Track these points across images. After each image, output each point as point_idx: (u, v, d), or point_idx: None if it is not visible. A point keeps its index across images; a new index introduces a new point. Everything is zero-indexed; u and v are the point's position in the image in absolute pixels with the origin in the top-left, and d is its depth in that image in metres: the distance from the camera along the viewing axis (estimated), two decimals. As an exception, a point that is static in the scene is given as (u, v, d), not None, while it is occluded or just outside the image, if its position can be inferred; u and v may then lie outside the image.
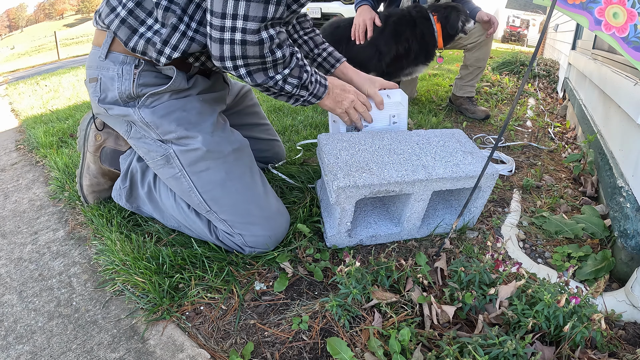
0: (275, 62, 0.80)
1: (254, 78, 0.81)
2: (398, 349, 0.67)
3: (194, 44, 0.81)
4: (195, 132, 0.87)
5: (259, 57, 0.76)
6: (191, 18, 0.79)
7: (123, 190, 1.09)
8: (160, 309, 0.82)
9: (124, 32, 0.80)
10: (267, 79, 0.82)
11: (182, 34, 0.79)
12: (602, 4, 0.70)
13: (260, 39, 0.74)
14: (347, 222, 0.94)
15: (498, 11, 10.95)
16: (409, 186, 0.89)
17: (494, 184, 0.97)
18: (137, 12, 0.79)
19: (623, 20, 0.68)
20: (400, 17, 1.80)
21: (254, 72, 0.80)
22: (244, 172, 0.93)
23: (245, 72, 0.79)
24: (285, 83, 0.86)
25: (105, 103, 0.88)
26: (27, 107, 2.92)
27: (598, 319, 0.66)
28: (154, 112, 0.85)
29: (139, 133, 0.90)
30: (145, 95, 0.85)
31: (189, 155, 0.87)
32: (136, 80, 0.83)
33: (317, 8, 5.51)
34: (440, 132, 1.14)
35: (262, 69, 0.80)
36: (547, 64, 3.83)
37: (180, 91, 0.89)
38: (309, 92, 0.94)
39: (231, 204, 0.90)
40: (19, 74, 7.55)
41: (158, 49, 0.79)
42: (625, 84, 1.15)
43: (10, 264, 1.02)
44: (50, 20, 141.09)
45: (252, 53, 0.75)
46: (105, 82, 0.86)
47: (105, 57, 0.84)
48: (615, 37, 0.70)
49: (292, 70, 0.86)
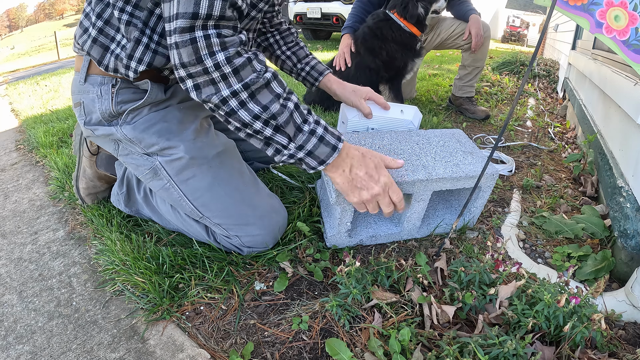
0: (218, 69, 0.65)
1: (200, 93, 0.68)
2: (398, 349, 0.67)
3: (158, 56, 0.79)
4: (177, 141, 0.86)
5: (196, 61, 0.64)
6: (153, 30, 0.78)
7: (121, 196, 1.09)
8: (160, 309, 0.82)
9: (97, 51, 0.80)
10: (210, 95, 0.67)
11: (146, 47, 0.78)
12: (603, 6, 0.70)
13: (192, 38, 0.63)
14: (347, 222, 0.94)
15: (498, 11, 10.93)
16: (409, 186, 0.89)
17: (494, 184, 0.97)
18: (107, 29, 0.79)
19: (624, 23, 0.68)
20: (364, 35, 1.87)
21: (202, 86, 0.67)
22: (231, 175, 0.92)
23: (192, 85, 0.67)
24: (241, 107, 0.68)
25: (91, 125, 0.88)
26: (27, 107, 2.92)
27: (598, 319, 0.66)
28: (135, 127, 0.85)
29: (126, 150, 0.90)
30: (125, 112, 0.85)
31: (174, 164, 0.87)
32: (114, 99, 0.84)
33: (317, 8, 5.51)
34: (440, 132, 1.14)
35: (210, 80, 0.66)
36: (547, 64, 3.82)
37: (160, 103, 0.88)
38: (294, 142, 0.73)
39: (222, 208, 0.90)
40: (19, 74, 7.55)
41: (125, 63, 0.79)
42: (625, 84, 1.15)
43: (10, 264, 1.02)
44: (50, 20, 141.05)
45: (187, 57, 0.64)
46: (87, 104, 0.87)
47: (84, 80, 0.85)
48: (616, 40, 0.70)
49: (253, 91, 0.68)
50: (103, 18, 0.79)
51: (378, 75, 1.90)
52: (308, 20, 5.83)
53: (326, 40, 6.94)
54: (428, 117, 2.02)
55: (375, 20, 1.84)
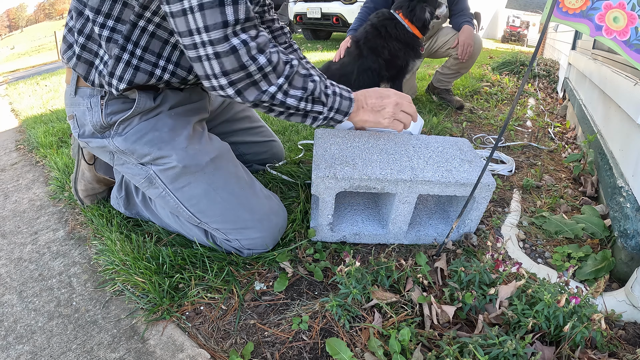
0: (261, 70, 0.71)
1: (245, 96, 0.73)
2: (398, 349, 0.67)
3: (140, 72, 0.77)
4: (169, 150, 0.85)
5: (239, 68, 0.68)
6: (135, 45, 0.75)
7: (120, 200, 1.09)
8: (160, 309, 0.82)
9: (82, 67, 0.79)
10: (260, 94, 0.73)
11: (126, 64, 0.76)
12: (602, 9, 0.70)
13: (231, 47, 0.66)
14: (327, 214, 0.93)
15: (498, 11, 10.93)
16: (391, 185, 0.88)
17: (490, 195, 0.93)
18: (90, 45, 0.78)
19: (623, 23, 0.68)
20: (365, 35, 1.87)
21: (243, 90, 0.72)
22: (227, 180, 0.90)
23: (234, 92, 0.71)
24: (287, 96, 0.77)
25: (85, 137, 0.88)
26: (27, 107, 2.92)
27: (598, 319, 0.66)
28: (126, 138, 0.84)
29: (121, 160, 0.90)
30: (116, 123, 0.84)
31: (168, 173, 0.86)
32: (104, 110, 0.83)
33: (317, 8, 5.52)
34: (443, 139, 1.12)
35: (251, 82, 0.71)
36: (547, 64, 3.82)
37: (150, 111, 0.86)
38: (327, 106, 0.85)
39: (220, 214, 0.89)
40: (19, 74, 7.55)
41: (107, 81, 0.78)
42: (625, 84, 1.15)
43: (10, 264, 1.02)
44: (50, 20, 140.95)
45: (229, 66, 0.67)
46: (79, 117, 0.86)
47: (74, 93, 0.85)
48: (617, 40, 0.70)
49: (291, 80, 0.76)
50: (84, 34, 0.77)
51: (379, 75, 1.91)
52: (308, 20, 5.84)
53: (326, 40, 6.94)
54: (428, 117, 2.02)
55: (379, 18, 1.84)
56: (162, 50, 0.79)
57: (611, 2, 0.68)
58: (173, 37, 0.79)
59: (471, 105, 2.40)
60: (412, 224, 1.03)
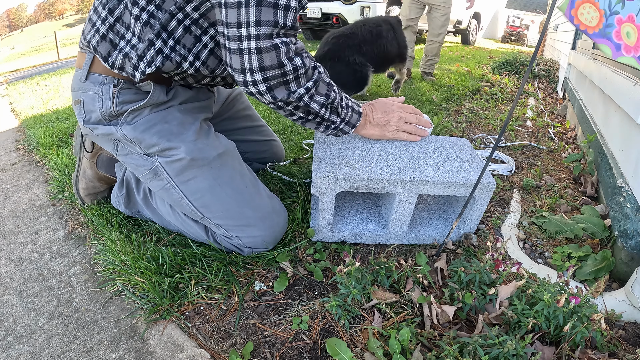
0: (295, 71, 0.75)
1: (274, 94, 0.75)
2: (398, 349, 0.67)
3: (169, 61, 0.79)
4: (178, 142, 0.86)
5: (277, 65, 0.72)
6: (170, 35, 0.77)
7: (121, 198, 1.09)
8: (160, 309, 0.82)
9: (105, 47, 0.80)
10: (288, 94, 0.76)
11: (158, 51, 0.77)
12: (616, 26, 0.68)
13: (274, 44, 0.70)
14: (327, 214, 0.93)
15: (498, 11, 10.93)
16: (391, 185, 0.88)
17: (490, 195, 0.93)
18: (117, 26, 0.79)
19: (635, 38, 0.66)
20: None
21: (274, 87, 0.75)
22: (232, 176, 0.91)
23: (266, 88, 0.74)
24: (312, 100, 0.80)
25: (90, 123, 0.88)
26: (27, 107, 2.92)
27: (598, 319, 0.66)
28: (135, 127, 0.85)
29: (125, 149, 0.90)
30: (126, 112, 0.84)
31: (175, 165, 0.87)
32: (116, 99, 0.83)
33: (317, 8, 5.52)
34: (442, 139, 1.12)
35: (283, 82, 0.75)
36: (547, 64, 3.82)
37: (161, 104, 0.88)
38: (340, 117, 0.88)
39: (223, 209, 0.90)
40: (19, 74, 7.55)
41: (133, 63, 0.78)
42: (625, 84, 1.15)
43: (10, 264, 1.02)
44: (50, 20, 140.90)
45: (269, 62, 0.71)
46: (87, 103, 0.86)
47: (85, 78, 0.85)
48: (637, 58, 0.67)
49: (317, 85, 0.80)
50: (115, 15, 0.79)
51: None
52: (308, 20, 5.84)
53: (326, 40, 6.92)
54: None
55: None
56: (193, 46, 0.80)
57: (621, 16, 0.67)
58: (205, 35, 0.80)
59: (471, 106, 2.41)
60: (412, 224, 1.03)
